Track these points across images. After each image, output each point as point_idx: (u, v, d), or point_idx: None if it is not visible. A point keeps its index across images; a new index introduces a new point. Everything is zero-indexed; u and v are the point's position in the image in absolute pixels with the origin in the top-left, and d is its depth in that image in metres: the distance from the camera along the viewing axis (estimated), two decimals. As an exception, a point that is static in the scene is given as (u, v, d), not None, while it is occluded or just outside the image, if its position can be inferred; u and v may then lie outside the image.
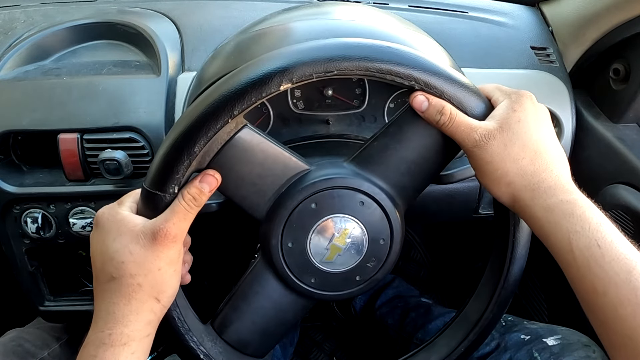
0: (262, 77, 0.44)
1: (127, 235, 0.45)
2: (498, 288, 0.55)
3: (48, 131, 0.72)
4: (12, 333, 0.87)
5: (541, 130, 0.47)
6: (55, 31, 0.82)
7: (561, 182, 0.45)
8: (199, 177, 0.47)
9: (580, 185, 0.46)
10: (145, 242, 0.45)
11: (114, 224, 0.46)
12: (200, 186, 0.46)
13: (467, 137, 0.47)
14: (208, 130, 0.44)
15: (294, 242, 0.51)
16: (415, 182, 0.52)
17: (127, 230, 0.45)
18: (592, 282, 0.41)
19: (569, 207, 0.43)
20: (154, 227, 0.45)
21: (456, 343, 0.57)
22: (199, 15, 0.88)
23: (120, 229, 0.46)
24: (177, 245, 0.46)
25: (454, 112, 0.47)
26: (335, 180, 0.50)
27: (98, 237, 0.47)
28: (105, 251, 0.46)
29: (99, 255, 0.46)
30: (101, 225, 0.47)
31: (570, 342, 0.70)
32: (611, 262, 0.40)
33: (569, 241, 0.42)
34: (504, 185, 0.46)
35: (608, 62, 0.81)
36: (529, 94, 0.48)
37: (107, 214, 0.48)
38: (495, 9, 0.93)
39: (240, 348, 0.55)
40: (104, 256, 0.46)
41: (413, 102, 0.48)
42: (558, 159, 0.46)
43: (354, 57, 0.45)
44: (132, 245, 0.45)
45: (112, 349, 0.44)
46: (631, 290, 0.39)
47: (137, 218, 0.47)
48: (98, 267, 0.46)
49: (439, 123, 0.47)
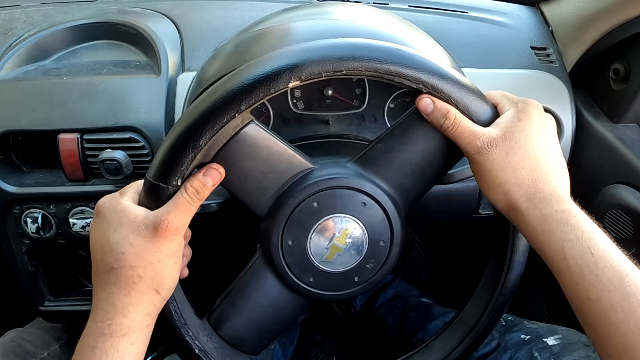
0: (271, 74, 0.44)
1: (128, 226, 0.45)
2: (495, 293, 0.55)
3: (48, 131, 0.72)
4: (12, 333, 0.87)
5: (544, 141, 0.47)
6: (55, 31, 0.82)
7: (557, 193, 0.45)
8: (203, 170, 0.46)
9: (580, 185, 0.46)
10: (146, 234, 0.45)
11: (115, 214, 0.46)
12: (204, 179, 0.46)
13: (469, 143, 0.47)
14: (214, 124, 0.44)
15: (294, 240, 0.51)
16: (418, 185, 0.53)
17: (128, 221, 0.45)
18: (585, 289, 0.41)
19: (563, 217, 0.43)
20: (155, 219, 0.45)
21: (452, 347, 0.57)
22: (199, 15, 0.88)
23: (121, 219, 0.45)
24: (178, 238, 0.46)
25: (458, 117, 0.47)
26: (338, 180, 0.50)
27: (98, 227, 0.46)
28: (105, 242, 0.45)
29: (99, 246, 0.46)
30: (102, 214, 0.47)
31: (571, 342, 0.70)
32: (604, 269, 0.41)
33: (563, 249, 0.43)
34: (501, 194, 0.47)
35: (608, 62, 0.81)
36: (535, 104, 0.49)
37: (108, 204, 0.47)
38: (495, 9, 0.93)
39: (235, 344, 0.55)
40: (104, 247, 0.45)
41: (419, 104, 0.48)
42: (557, 169, 0.47)
43: (364, 58, 0.45)
44: (132, 237, 0.45)
45: (112, 339, 0.44)
46: (624, 296, 0.39)
47: (139, 209, 0.46)
48: (98, 257, 0.46)
49: (442, 127, 0.48)
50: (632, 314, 0.39)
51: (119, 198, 0.48)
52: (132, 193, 0.49)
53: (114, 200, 0.47)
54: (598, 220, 0.44)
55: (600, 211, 0.77)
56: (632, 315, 0.39)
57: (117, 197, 0.48)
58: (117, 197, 0.48)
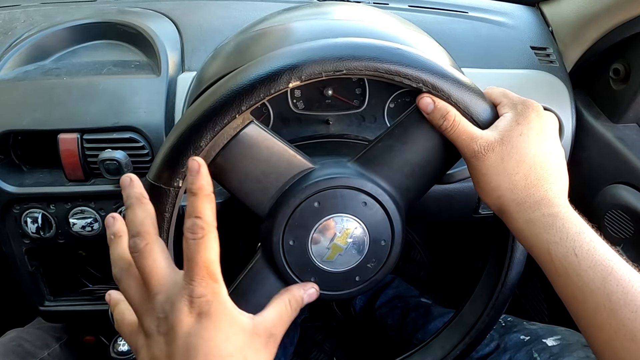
0: (271, 74, 0.44)
1: (240, 336, 0.39)
2: (495, 292, 0.55)
3: (48, 131, 0.72)
4: (12, 333, 0.87)
5: (541, 145, 0.47)
6: (55, 31, 0.82)
7: (548, 197, 0.45)
8: (303, 286, 0.49)
9: (580, 185, 0.46)
10: (258, 347, 0.40)
11: (225, 317, 0.38)
12: (305, 296, 0.47)
13: (466, 146, 0.47)
14: (215, 125, 0.44)
15: (295, 240, 0.51)
16: (419, 184, 0.53)
17: (241, 330, 0.39)
18: (572, 290, 0.42)
19: (549, 220, 0.44)
20: (265, 331, 0.41)
21: (451, 346, 0.57)
22: (199, 15, 0.88)
23: (233, 327, 0.39)
24: None
25: (457, 118, 0.47)
26: (338, 179, 0.50)
27: (202, 330, 0.37)
28: (215, 351, 0.37)
29: (202, 354, 0.37)
30: (207, 314, 0.38)
31: (570, 343, 0.70)
32: (587, 269, 0.41)
33: (549, 252, 0.43)
34: (494, 198, 0.47)
35: (608, 62, 0.81)
36: (535, 105, 0.48)
37: (210, 299, 0.38)
38: (495, 9, 0.93)
39: None
40: (214, 357, 0.37)
41: (419, 103, 0.48)
42: (552, 173, 0.47)
43: (364, 57, 0.45)
44: (246, 350, 0.39)
45: None
46: (606, 296, 0.40)
47: (242, 313, 0.41)
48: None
49: (441, 127, 0.48)
50: (614, 313, 0.39)
51: (219, 288, 0.39)
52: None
53: (220, 296, 0.39)
54: (598, 220, 0.45)
55: (600, 211, 0.77)
56: (614, 316, 0.39)
57: (219, 290, 0.39)
58: (219, 290, 0.39)
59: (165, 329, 0.38)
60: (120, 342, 0.88)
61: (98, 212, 0.76)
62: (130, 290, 0.40)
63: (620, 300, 0.39)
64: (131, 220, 0.39)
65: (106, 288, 0.87)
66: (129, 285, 0.40)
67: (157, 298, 0.38)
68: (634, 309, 0.39)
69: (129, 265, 0.40)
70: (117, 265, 0.41)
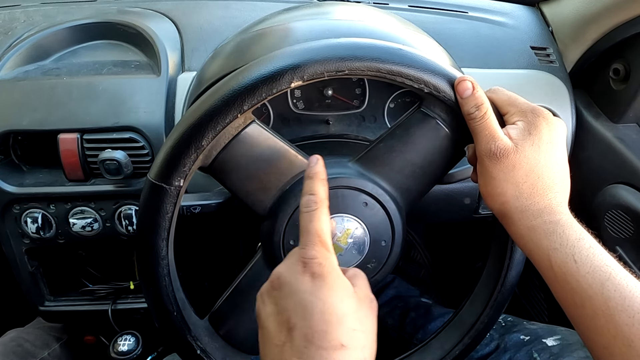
0: (273, 74, 0.44)
1: (353, 299, 0.40)
2: (495, 292, 0.55)
3: (48, 131, 0.72)
4: (12, 333, 0.87)
5: (550, 154, 0.47)
6: (55, 31, 0.82)
7: (551, 205, 0.45)
8: None
9: (580, 185, 0.46)
10: (368, 311, 0.41)
11: (338, 281, 0.39)
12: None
13: (485, 143, 0.46)
14: (217, 124, 0.44)
15: (295, 240, 0.51)
16: (419, 185, 0.53)
17: (352, 294, 0.40)
18: (571, 296, 0.42)
19: (550, 227, 0.44)
20: (366, 296, 0.41)
21: (451, 346, 0.57)
22: (199, 15, 0.88)
23: (347, 290, 0.40)
24: None
25: (489, 113, 0.47)
26: (339, 179, 0.50)
27: (317, 290, 0.38)
28: (331, 310, 0.38)
29: (319, 312, 0.38)
30: (320, 275, 0.39)
31: (570, 343, 0.70)
32: (586, 275, 0.41)
33: (549, 258, 0.43)
34: (498, 203, 0.47)
35: (608, 62, 0.81)
36: (544, 113, 0.48)
37: (325, 265, 0.39)
38: (495, 9, 0.93)
39: (236, 344, 0.55)
40: (330, 316, 0.38)
41: (457, 86, 0.47)
42: (558, 182, 0.47)
43: (366, 58, 0.45)
44: (360, 313, 0.40)
45: None
46: (604, 302, 0.40)
47: (347, 280, 0.41)
48: (318, 327, 0.37)
49: (470, 115, 0.47)
50: (612, 319, 0.39)
51: (332, 257, 0.40)
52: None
53: (331, 262, 0.40)
54: (598, 220, 0.45)
55: (600, 211, 0.77)
56: (611, 321, 0.39)
57: (330, 257, 0.40)
58: (330, 257, 0.40)
59: (278, 284, 0.41)
60: (120, 342, 0.88)
61: (98, 212, 0.76)
62: None
63: (618, 306, 0.39)
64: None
65: (106, 288, 0.87)
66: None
67: (292, 252, 0.42)
68: (631, 314, 0.39)
69: None
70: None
